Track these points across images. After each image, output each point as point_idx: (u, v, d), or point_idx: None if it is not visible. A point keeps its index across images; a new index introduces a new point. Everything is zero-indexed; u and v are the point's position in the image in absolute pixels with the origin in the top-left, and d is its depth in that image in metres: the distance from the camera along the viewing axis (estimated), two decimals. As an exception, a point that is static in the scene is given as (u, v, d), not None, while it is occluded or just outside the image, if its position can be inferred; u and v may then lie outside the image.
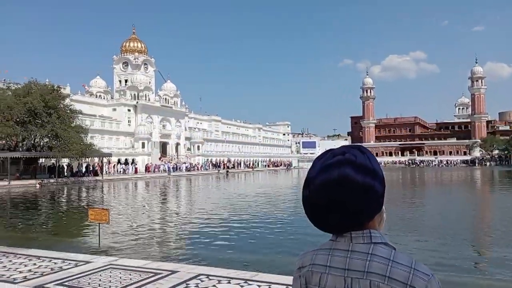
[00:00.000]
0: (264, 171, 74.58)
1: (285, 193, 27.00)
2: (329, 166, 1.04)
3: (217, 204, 20.27)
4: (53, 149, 35.93)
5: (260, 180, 46.89)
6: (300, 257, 1.13)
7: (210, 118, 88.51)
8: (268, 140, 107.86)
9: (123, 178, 45.39)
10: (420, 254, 8.50)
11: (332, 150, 1.10)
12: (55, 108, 36.15)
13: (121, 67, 72.86)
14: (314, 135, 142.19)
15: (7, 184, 31.52)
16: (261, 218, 14.36)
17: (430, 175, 53.49)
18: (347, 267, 1.00)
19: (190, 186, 36.23)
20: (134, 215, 16.31)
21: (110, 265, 5.91)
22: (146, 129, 62.25)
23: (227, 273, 5.45)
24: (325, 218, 1.04)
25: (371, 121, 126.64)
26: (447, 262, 7.82)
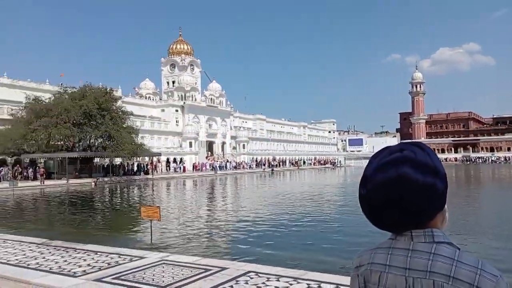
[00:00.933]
0: (309, 169, 74.00)
1: (332, 192, 26.63)
2: (387, 164, 1.01)
3: (263, 202, 20.36)
4: (107, 149, 37.71)
5: (306, 178, 46.57)
6: (358, 256, 1.11)
7: (255, 117, 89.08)
8: (313, 138, 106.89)
9: (172, 176, 46.73)
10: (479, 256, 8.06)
11: (389, 147, 1.07)
12: (108, 110, 37.92)
13: (168, 69, 75.03)
14: (361, 132, 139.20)
15: (66, 183, 33.46)
16: (308, 216, 14.25)
17: (488, 172, 50.65)
18: (408, 267, 0.97)
19: (236, 184, 36.65)
20: (183, 212, 16.76)
21: (162, 261, 6.09)
22: (193, 128, 63.77)
23: (276, 271, 5.45)
24: (383, 216, 1.02)
25: (421, 117, 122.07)
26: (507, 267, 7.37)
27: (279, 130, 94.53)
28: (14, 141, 34.59)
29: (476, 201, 19.69)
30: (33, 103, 37.36)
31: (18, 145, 35.04)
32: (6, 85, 47.17)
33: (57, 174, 36.90)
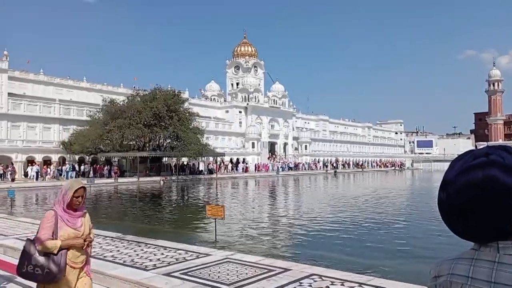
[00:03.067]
0: (374, 172, 71.67)
1: (400, 196, 25.58)
2: (471, 167, 0.95)
3: (327, 204, 20.07)
4: (174, 149, 39.40)
5: (371, 181, 45.16)
6: (436, 265, 1.06)
7: (317, 117, 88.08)
8: (379, 139, 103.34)
9: (235, 176, 47.64)
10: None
11: (473, 151, 1.01)
12: (176, 111, 39.64)
13: (233, 71, 76.66)
14: (430, 133, 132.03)
15: (137, 180, 35.46)
16: (375, 220, 13.82)
17: None
18: (493, 280, 0.91)
19: (298, 186, 36.51)
20: (246, 212, 17.02)
21: (227, 259, 6.24)
22: (255, 129, 64.58)
23: (340, 275, 5.35)
24: (465, 224, 0.96)
25: (499, 117, 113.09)
26: None
27: (342, 131, 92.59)
28: (92, 141, 37.32)
29: None
30: (109, 105, 40.14)
31: (95, 144, 37.76)
32: (85, 89, 51.14)
33: (129, 172, 39.26)
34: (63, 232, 3.08)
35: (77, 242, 3.11)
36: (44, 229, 3.05)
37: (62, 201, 3.12)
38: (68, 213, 3.13)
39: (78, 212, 3.21)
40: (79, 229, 3.16)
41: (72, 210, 3.15)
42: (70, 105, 44.64)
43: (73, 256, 3.11)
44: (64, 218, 3.10)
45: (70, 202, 3.11)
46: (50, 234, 3.03)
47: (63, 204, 3.11)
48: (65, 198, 3.11)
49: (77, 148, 37.82)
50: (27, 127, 40.16)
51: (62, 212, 3.11)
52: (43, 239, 2.99)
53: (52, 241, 3.01)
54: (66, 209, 3.11)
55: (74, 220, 3.15)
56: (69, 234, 3.09)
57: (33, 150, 38.94)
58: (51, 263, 2.98)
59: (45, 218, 3.09)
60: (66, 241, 3.06)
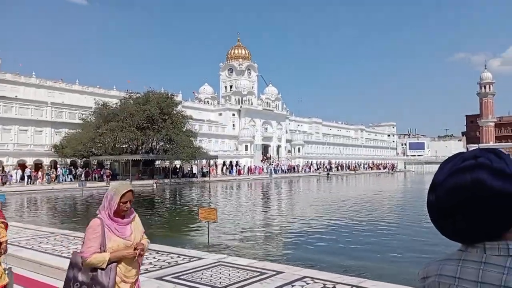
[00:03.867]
0: (367, 174, 71.98)
1: (391, 198, 25.71)
2: (460, 170, 0.97)
3: (319, 207, 20.13)
4: (167, 152, 39.26)
5: (363, 183, 45.35)
6: (425, 267, 1.08)
7: (310, 120, 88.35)
8: (371, 142, 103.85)
9: (228, 179, 47.58)
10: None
11: (462, 153, 1.03)
12: (169, 114, 39.55)
13: (226, 73, 76.73)
14: (422, 135, 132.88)
15: (129, 184, 35.21)
16: (366, 223, 13.89)
17: None
18: (480, 280, 0.93)
19: (291, 188, 36.56)
20: (239, 215, 17.01)
21: (219, 262, 6.24)
22: (249, 132, 64.62)
23: (332, 277, 5.38)
24: (453, 225, 0.98)
25: (490, 119, 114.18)
26: None
27: (335, 134, 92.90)
28: (84, 144, 37.07)
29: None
30: (102, 108, 39.93)
31: (88, 147, 37.51)
32: (77, 92, 50.85)
33: (121, 175, 39.03)
34: (112, 243, 2.69)
35: (128, 253, 2.72)
36: (91, 240, 2.66)
37: (109, 208, 2.74)
38: (115, 221, 2.75)
39: (126, 219, 2.82)
40: (128, 238, 2.77)
41: (119, 217, 2.78)
42: (62, 108, 44.30)
43: (125, 269, 2.74)
44: (111, 227, 2.72)
45: (117, 209, 2.74)
46: (97, 246, 2.65)
47: (109, 212, 2.74)
48: (112, 204, 2.73)
49: (69, 151, 37.54)
50: (18, 130, 39.77)
51: (109, 221, 2.73)
52: (90, 252, 2.63)
53: (100, 255, 2.64)
54: (113, 216, 2.75)
55: (122, 228, 2.77)
56: (118, 245, 2.71)
57: (24, 153, 38.64)
58: (100, 280, 2.62)
59: (91, 229, 2.71)
60: (116, 253, 2.69)
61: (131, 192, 2.81)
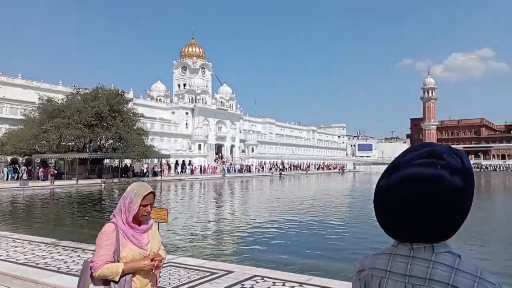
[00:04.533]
0: (318, 174, 73.75)
1: (340, 197, 26.50)
2: (423, 163, 0.98)
3: (271, 206, 20.34)
4: (117, 151, 37.99)
5: (314, 183, 46.42)
6: (360, 261, 1.12)
7: (264, 120, 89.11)
8: (323, 143, 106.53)
9: (181, 179, 46.88)
10: (485, 264, 7.97)
11: (429, 146, 1.02)
12: (119, 111, 38.22)
13: (180, 71, 75.58)
14: (370, 137, 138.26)
15: (75, 183, 33.76)
16: (316, 222, 14.21)
17: (499, 180, 49.97)
18: (408, 273, 0.98)
19: (244, 188, 36.67)
20: (191, 215, 16.80)
21: (169, 263, 6.12)
22: (202, 131, 64.07)
23: (282, 276, 5.45)
24: (395, 222, 1.00)
25: (432, 123, 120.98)
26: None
27: (288, 134, 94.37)
28: (26, 141, 35.03)
29: (487, 209, 19.43)
30: (46, 104, 37.88)
31: (30, 145, 35.47)
32: (20, 86, 47.95)
33: (67, 174, 37.30)
34: (127, 252, 2.32)
35: (144, 264, 2.35)
36: (103, 248, 2.27)
37: (128, 211, 2.35)
38: (132, 227, 2.37)
39: (144, 225, 2.43)
40: (145, 247, 2.40)
41: (136, 223, 2.40)
42: (3, 102, 41.62)
43: (140, 283, 2.37)
44: (127, 234, 2.35)
45: (137, 213, 2.36)
46: (111, 255, 2.28)
47: (127, 216, 2.35)
48: (132, 208, 2.34)
49: (9, 148, 35.25)
50: (-48, 125, 36.87)
51: (126, 226, 2.35)
52: (102, 262, 2.25)
53: (113, 265, 2.27)
54: (131, 222, 2.37)
55: (139, 236, 2.40)
56: (134, 254, 2.34)
57: (-42, 150, 35.85)
58: None
59: (104, 234, 2.32)
60: (131, 264, 2.31)
61: (153, 194, 2.43)
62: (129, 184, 2.61)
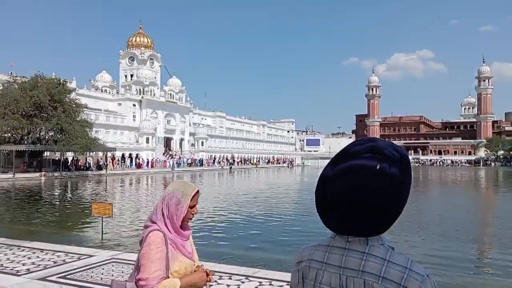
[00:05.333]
0: (267, 168, 74.63)
1: (288, 190, 26.99)
2: (367, 156, 1.00)
3: (219, 200, 20.30)
4: (58, 143, 36.11)
5: (263, 177, 46.92)
6: (299, 252, 1.14)
7: (214, 114, 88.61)
8: (272, 137, 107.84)
9: (127, 173, 45.54)
10: (421, 254, 8.49)
11: (373, 140, 1.04)
12: (60, 102, 36.31)
13: (127, 61, 73.05)
14: (318, 132, 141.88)
15: (12, 177, 31.73)
16: (264, 215, 14.37)
17: (436, 174, 53.29)
18: (343, 265, 1.00)
19: (193, 182, 36.26)
20: (137, 210, 16.39)
21: (112, 259, 5.94)
22: (150, 124, 62.52)
23: (228, 269, 5.47)
24: (335, 213, 1.02)
25: (376, 119, 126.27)
26: (448, 263, 7.81)
27: (239, 128, 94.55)
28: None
29: (422, 202, 20.65)
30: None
31: (-41, 136, 32.85)
32: None
33: (3, 168, 34.92)
34: (179, 265, 1.93)
35: (200, 279, 1.97)
36: (155, 262, 1.83)
37: (175, 215, 1.94)
38: (180, 234, 1.97)
39: (187, 231, 2.03)
40: (193, 257, 2.04)
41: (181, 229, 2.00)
42: None
43: None
44: (177, 243, 1.95)
45: (185, 216, 1.97)
46: (164, 270, 1.86)
47: (176, 220, 1.94)
48: (180, 210, 1.95)
49: None
50: None
51: (173, 234, 1.94)
52: (158, 279, 1.82)
53: (170, 282, 1.85)
54: (178, 228, 1.96)
55: (186, 245, 2.01)
56: (186, 267, 1.96)
57: None
58: None
59: (153, 245, 1.86)
60: (186, 279, 1.92)
61: (198, 193, 2.06)
62: (72, 178, 2.42)
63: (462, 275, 6.97)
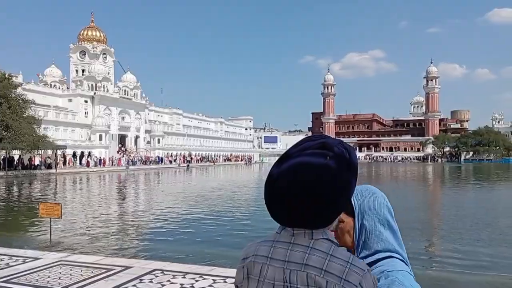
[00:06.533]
0: (225, 166, 74.49)
1: (245, 188, 27.10)
2: (317, 153, 1.01)
3: (175, 198, 20.04)
4: (3, 141, 34.11)
5: (221, 175, 46.81)
6: (245, 249, 1.13)
7: (171, 111, 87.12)
8: (230, 135, 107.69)
9: (79, 171, 43.86)
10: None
11: (325, 138, 1.06)
12: (5, 97, 34.38)
13: (78, 56, 70.18)
14: (276, 130, 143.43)
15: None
16: (220, 212, 14.34)
17: (387, 169, 55.47)
18: (287, 259, 1.01)
19: (148, 180, 35.56)
20: (88, 209, 15.82)
21: (60, 262, 5.71)
22: (104, 121, 60.40)
23: (182, 268, 5.42)
24: (283, 203, 1.02)
25: (331, 117, 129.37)
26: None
27: (196, 126, 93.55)
28: None
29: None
30: None
31: None
32: None
33: None
34: None
35: None
36: None
37: None
38: None
39: None
40: None
41: None
42: None
43: None
44: None
45: None
46: None
47: None
48: None
49: None
50: None
51: None
52: None
53: None
54: None
55: None
56: None
57: None
58: None
59: None
60: None
61: None
62: (18, 178, 2.30)
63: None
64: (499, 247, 9.11)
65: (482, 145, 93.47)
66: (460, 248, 8.85)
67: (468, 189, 26.53)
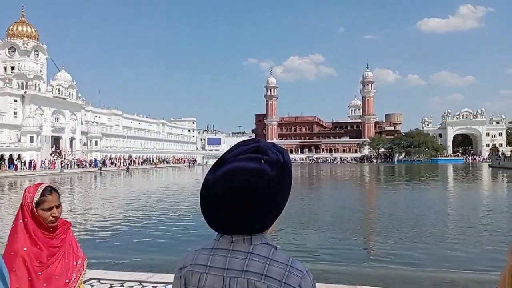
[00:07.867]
0: (167, 168, 72.97)
1: (186, 191, 26.71)
2: (251, 157, 1.01)
3: (113, 203, 19.29)
4: None
5: (162, 178, 45.80)
6: (183, 258, 1.10)
7: (110, 111, 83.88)
8: (173, 136, 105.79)
9: (7, 175, 40.79)
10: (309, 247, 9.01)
11: (257, 141, 1.05)
12: None
13: (7, 52, 65.35)
14: (219, 131, 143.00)
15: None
16: (160, 217, 13.99)
17: (327, 170, 57.39)
18: (226, 267, 1.00)
19: (84, 185, 33.91)
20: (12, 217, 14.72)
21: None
22: (35, 121, 56.69)
23: (120, 276, 5.19)
24: (219, 209, 1.01)
25: (274, 119, 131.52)
26: (332, 252, 8.41)
27: (137, 127, 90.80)
28: None
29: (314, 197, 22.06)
30: None
31: None
32: None
33: None
34: None
35: None
36: None
37: None
38: None
39: None
40: None
41: None
42: None
43: None
44: None
45: None
46: None
47: None
48: None
49: None
50: None
51: None
52: None
53: None
54: None
55: None
56: None
57: None
58: None
59: None
60: None
61: None
62: None
63: (352, 264, 7.55)
64: (428, 244, 9.72)
65: (413, 146, 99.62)
66: (395, 245, 9.33)
67: (400, 188, 28.16)
